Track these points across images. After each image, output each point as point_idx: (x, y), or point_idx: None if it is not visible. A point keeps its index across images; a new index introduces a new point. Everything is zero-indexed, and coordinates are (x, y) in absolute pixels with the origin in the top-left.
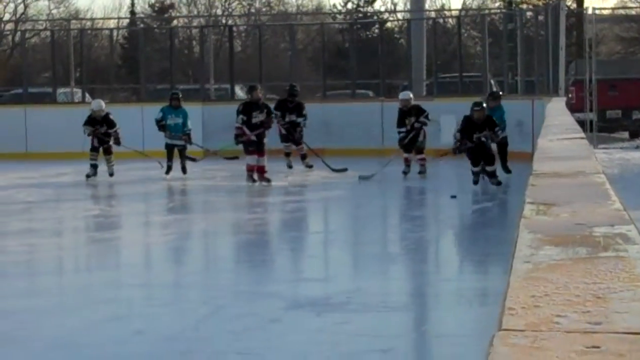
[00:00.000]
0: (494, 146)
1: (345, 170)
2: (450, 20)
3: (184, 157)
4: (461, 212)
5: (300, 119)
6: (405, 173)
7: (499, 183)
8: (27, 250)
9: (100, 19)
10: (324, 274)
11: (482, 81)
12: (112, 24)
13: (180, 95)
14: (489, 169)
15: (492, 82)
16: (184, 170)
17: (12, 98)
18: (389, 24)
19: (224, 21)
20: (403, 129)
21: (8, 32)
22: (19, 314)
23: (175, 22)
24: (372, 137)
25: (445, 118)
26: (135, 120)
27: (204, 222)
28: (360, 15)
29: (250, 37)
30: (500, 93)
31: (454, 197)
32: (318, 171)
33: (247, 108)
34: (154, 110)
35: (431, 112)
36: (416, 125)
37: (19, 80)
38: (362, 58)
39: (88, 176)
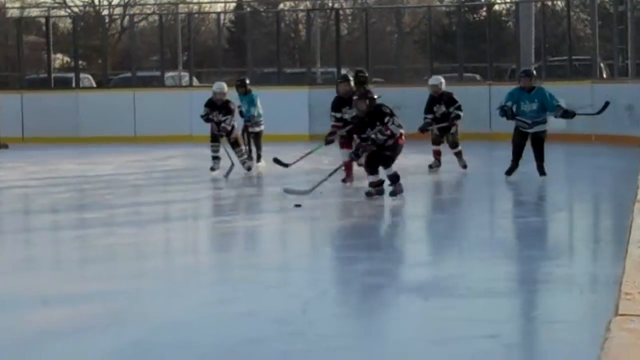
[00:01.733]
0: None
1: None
2: (559, 2)
3: (257, 146)
4: (570, 198)
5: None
6: (431, 167)
7: (394, 193)
8: (136, 233)
9: (208, 2)
10: (431, 259)
11: (591, 64)
12: (219, 7)
13: (247, 81)
14: (387, 172)
15: (602, 65)
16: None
17: (121, 82)
18: (496, 7)
19: (330, 4)
20: (430, 116)
21: (117, 17)
22: (127, 295)
23: (281, 5)
24: (480, 121)
25: None
26: None
27: (308, 206)
28: None
29: (356, 20)
30: (534, 72)
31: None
32: (415, 155)
33: (336, 103)
34: (262, 94)
35: None
36: (453, 115)
37: (128, 64)
38: (469, 41)
39: (212, 169)
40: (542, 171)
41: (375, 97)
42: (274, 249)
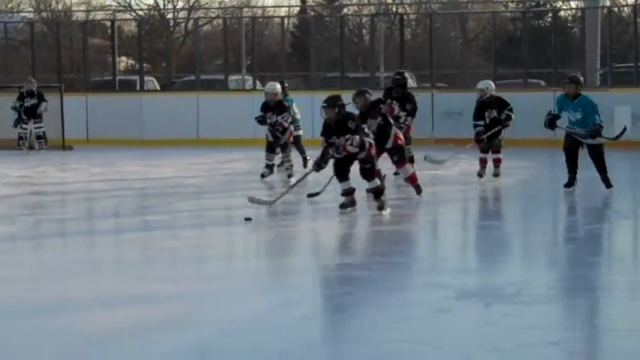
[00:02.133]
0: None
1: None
2: (625, 9)
3: (300, 150)
4: (634, 205)
5: (402, 114)
6: (480, 175)
7: (381, 207)
8: (198, 236)
9: (272, 7)
10: (492, 266)
11: None
12: (283, 12)
13: (286, 85)
14: (370, 186)
15: None
16: (304, 162)
17: (185, 85)
18: (562, 13)
19: (394, 9)
20: (481, 122)
21: (181, 20)
22: (190, 298)
23: (345, 10)
24: (544, 127)
25: (620, 109)
26: (305, 108)
27: (368, 210)
28: (533, 3)
29: (420, 25)
30: (581, 78)
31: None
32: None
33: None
34: (323, 98)
35: (605, 102)
36: (504, 117)
37: (192, 67)
38: (534, 47)
39: (262, 176)
40: (607, 183)
41: (345, 104)
42: (334, 253)
